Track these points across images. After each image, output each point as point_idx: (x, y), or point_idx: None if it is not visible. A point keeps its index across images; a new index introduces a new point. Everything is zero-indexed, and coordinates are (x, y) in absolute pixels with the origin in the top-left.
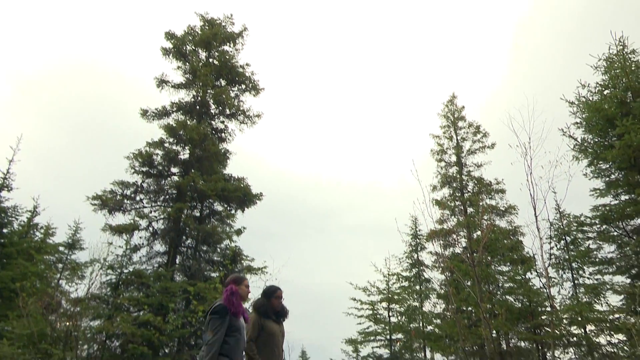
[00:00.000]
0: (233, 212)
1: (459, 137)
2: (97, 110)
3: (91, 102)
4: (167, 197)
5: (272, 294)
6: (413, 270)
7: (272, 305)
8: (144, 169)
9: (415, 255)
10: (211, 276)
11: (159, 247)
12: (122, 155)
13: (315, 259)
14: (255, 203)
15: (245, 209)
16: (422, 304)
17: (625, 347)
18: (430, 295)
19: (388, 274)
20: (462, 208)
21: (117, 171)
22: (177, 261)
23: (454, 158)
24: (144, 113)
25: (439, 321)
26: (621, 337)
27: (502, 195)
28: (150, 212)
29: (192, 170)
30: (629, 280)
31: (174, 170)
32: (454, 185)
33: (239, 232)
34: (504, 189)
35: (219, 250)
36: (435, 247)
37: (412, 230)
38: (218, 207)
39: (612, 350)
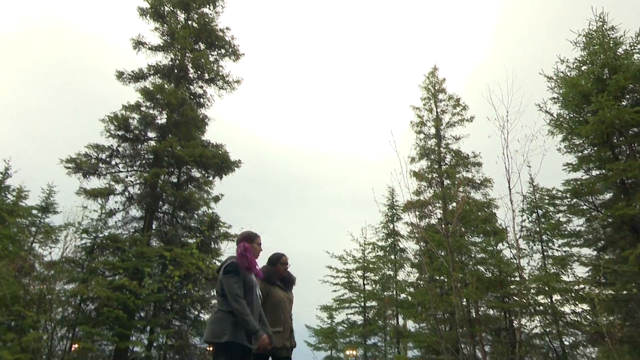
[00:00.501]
0: (211, 178)
1: (438, 110)
2: (75, 72)
3: (69, 64)
4: (144, 162)
5: (277, 260)
6: (388, 240)
7: (277, 272)
8: (120, 133)
9: (391, 226)
10: (188, 242)
11: (135, 212)
12: (98, 118)
13: (293, 227)
14: (233, 170)
15: (223, 175)
16: (396, 273)
17: (587, 316)
18: (405, 265)
19: (364, 244)
20: (439, 180)
21: (93, 134)
22: (154, 227)
23: (433, 130)
24: (120, 75)
25: (412, 289)
26: (585, 306)
27: (478, 168)
28: (126, 176)
29: (170, 136)
30: (595, 253)
31: (151, 134)
32: (432, 157)
33: (216, 199)
34: (481, 162)
35: (196, 216)
36: (411, 218)
37: (389, 201)
38: (196, 173)
39: (576, 319)
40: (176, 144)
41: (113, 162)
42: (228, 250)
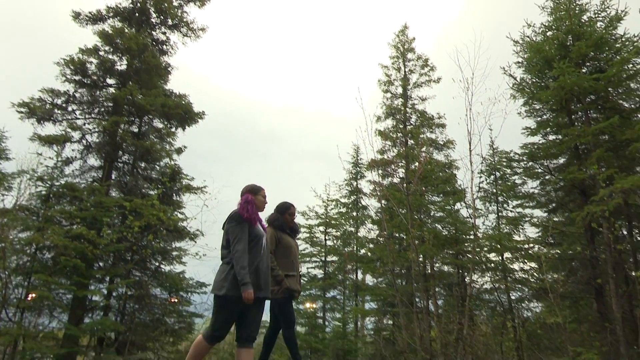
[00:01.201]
0: (173, 129)
1: (407, 69)
2: (28, 10)
3: (22, 1)
4: (103, 109)
5: (285, 209)
6: (351, 197)
7: (285, 221)
8: (77, 78)
9: (355, 184)
10: (149, 193)
11: (94, 161)
12: (53, 61)
13: (260, 182)
14: (196, 122)
15: (187, 127)
16: (358, 230)
17: (534, 274)
18: (366, 222)
19: (327, 200)
20: (404, 140)
21: (48, 78)
22: (113, 177)
23: (400, 90)
24: (77, 16)
25: (371, 245)
26: (533, 264)
27: (442, 130)
28: (84, 124)
29: (130, 83)
30: (546, 215)
31: (110, 81)
32: (398, 117)
33: (179, 150)
34: (445, 123)
35: (157, 168)
36: (374, 176)
37: (354, 159)
38: (158, 124)
39: (524, 276)
40: (137, 92)
41: (69, 109)
42: (190, 202)
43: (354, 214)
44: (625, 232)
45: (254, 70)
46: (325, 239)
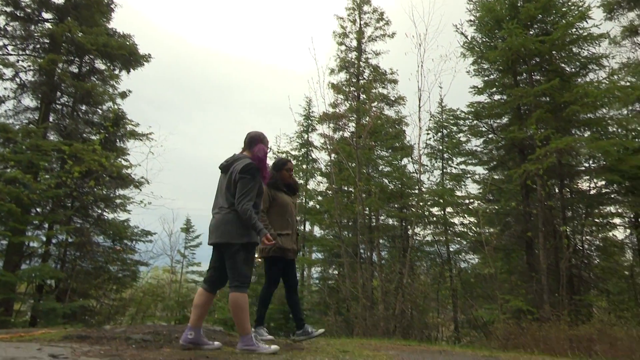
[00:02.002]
0: (117, 72)
1: (362, 22)
2: None
3: None
4: (39, 46)
5: (281, 166)
6: (302, 150)
7: (282, 178)
8: (8, 10)
9: (306, 136)
10: (90, 138)
11: (29, 101)
12: None
13: (211, 132)
14: (142, 64)
15: (131, 70)
16: (307, 182)
17: (473, 228)
18: (315, 174)
19: (278, 152)
20: (356, 94)
21: None
22: (51, 119)
23: (354, 43)
24: None
25: (320, 198)
26: (472, 219)
27: (394, 86)
28: (18, 61)
29: (69, 19)
30: (487, 172)
31: (47, 15)
32: (351, 70)
33: (123, 94)
34: (397, 79)
35: (100, 112)
36: (325, 130)
37: (306, 111)
38: (100, 65)
39: (463, 230)
40: (76, 29)
41: (0, 43)
42: (135, 149)
43: (304, 166)
44: (557, 190)
45: (207, 19)
46: None
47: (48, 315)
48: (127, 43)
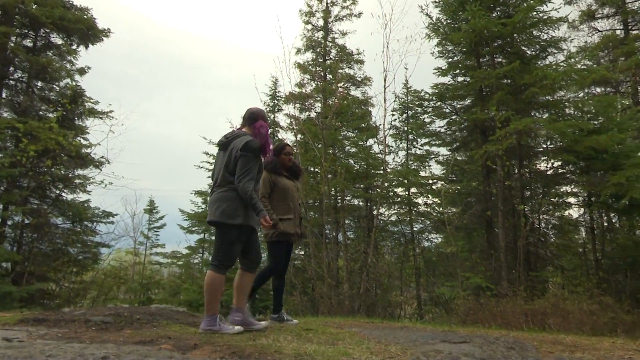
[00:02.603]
0: (75, 47)
1: (329, 1)
2: None
3: None
4: None
5: (280, 150)
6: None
7: (281, 162)
8: None
9: (272, 117)
10: (47, 116)
11: None
12: None
13: (176, 111)
14: (101, 40)
15: (90, 45)
16: None
17: (436, 207)
18: None
19: None
20: (322, 74)
21: None
22: (4, 95)
23: (321, 22)
24: None
25: None
26: (435, 199)
27: (360, 66)
28: None
29: None
30: (450, 153)
31: None
32: (318, 50)
33: (82, 71)
34: (363, 60)
35: (57, 88)
36: (291, 110)
37: (272, 91)
38: (56, 39)
39: (427, 210)
40: (30, 1)
41: None
42: (95, 127)
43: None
44: (516, 170)
45: None
46: None
47: (4, 300)
48: (85, 17)
